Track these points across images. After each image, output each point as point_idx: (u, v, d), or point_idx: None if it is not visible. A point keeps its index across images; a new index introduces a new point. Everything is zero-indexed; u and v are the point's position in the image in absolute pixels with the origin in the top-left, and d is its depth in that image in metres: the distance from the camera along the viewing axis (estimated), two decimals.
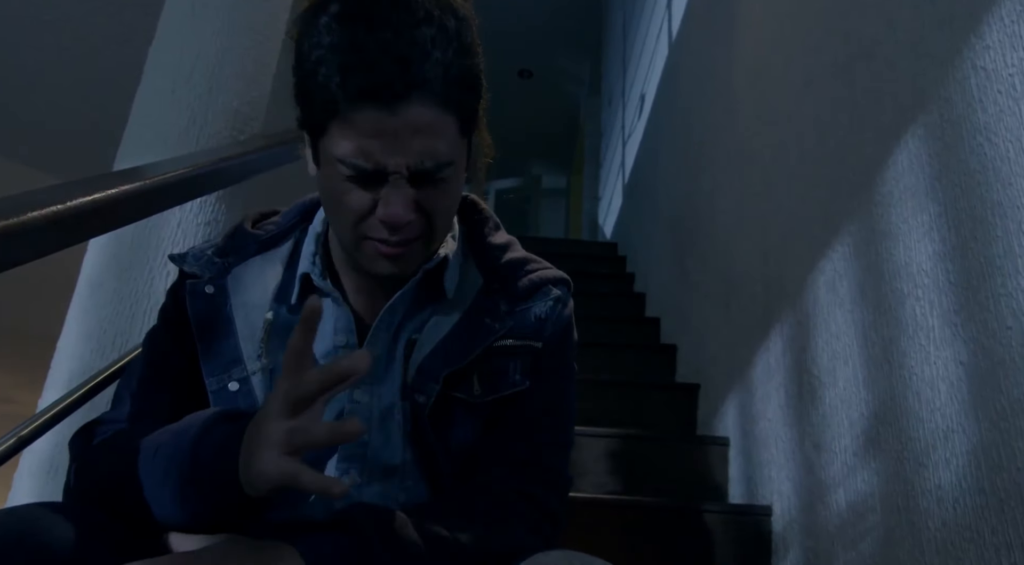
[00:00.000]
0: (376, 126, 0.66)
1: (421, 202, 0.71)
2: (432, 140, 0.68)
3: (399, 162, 0.67)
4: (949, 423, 1.06)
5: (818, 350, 1.52)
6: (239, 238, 0.87)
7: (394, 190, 0.69)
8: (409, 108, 0.66)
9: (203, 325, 0.82)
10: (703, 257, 2.59)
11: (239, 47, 1.56)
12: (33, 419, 0.87)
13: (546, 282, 0.88)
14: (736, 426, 2.02)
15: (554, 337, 0.86)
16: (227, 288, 0.83)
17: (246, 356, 0.81)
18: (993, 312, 0.98)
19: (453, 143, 0.71)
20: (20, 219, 0.69)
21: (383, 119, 0.66)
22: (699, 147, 2.81)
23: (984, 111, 1.03)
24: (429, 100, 0.66)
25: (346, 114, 0.66)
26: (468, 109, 0.71)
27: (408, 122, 0.66)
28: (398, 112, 0.65)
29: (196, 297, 0.82)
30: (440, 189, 0.72)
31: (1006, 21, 0.99)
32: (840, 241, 1.46)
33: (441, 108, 0.67)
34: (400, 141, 0.67)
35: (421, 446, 0.79)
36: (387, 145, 0.67)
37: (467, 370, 0.81)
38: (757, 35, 2.20)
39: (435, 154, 0.69)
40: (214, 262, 0.84)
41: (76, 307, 1.34)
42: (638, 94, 4.48)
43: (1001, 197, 0.98)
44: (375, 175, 0.69)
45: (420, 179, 0.70)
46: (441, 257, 0.82)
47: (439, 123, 0.68)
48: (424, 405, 0.78)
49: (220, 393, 0.80)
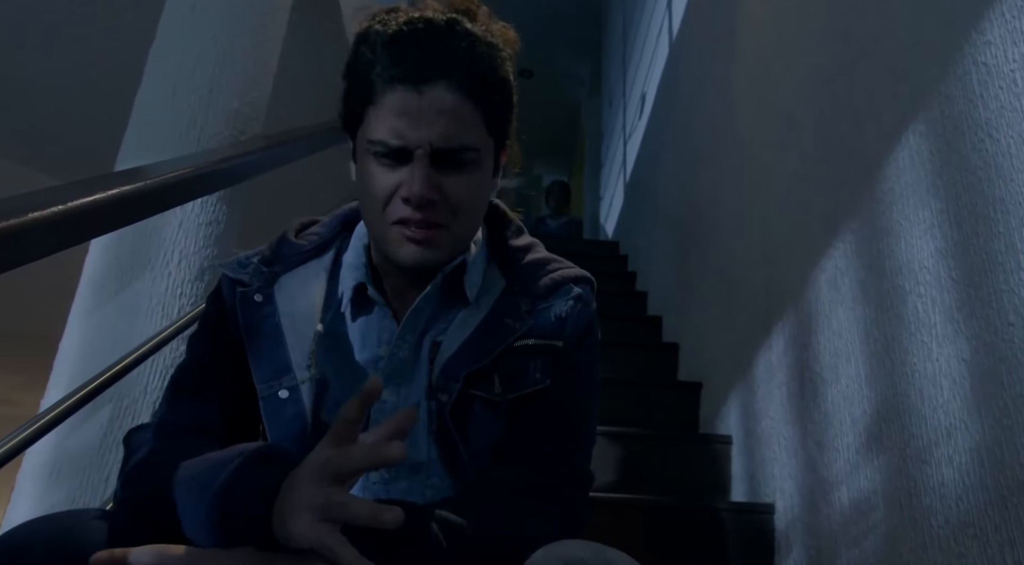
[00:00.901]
0: (404, 105, 0.74)
1: (443, 186, 0.76)
2: (455, 122, 0.75)
3: (422, 137, 0.74)
4: (952, 420, 1.06)
5: (820, 348, 1.52)
6: (284, 248, 0.89)
7: (416, 168, 0.75)
8: (434, 90, 0.74)
9: (253, 332, 0.84)
10: (704, 255, 2.58)
11: (239, 48, 1.56)
12: (34, 420, 0.87)
13: (567, 281, 0.89)
14: (738, 424, 2.02)
15: (575, 335, 0.87)
16: (275, 297, 0.86)
17: (295, 364, 0.83)
18: (995, 308, 0.97)
19: (477, 132, 0.77)
20: (21, 220, 0.69)
21: (410, 98, 0.74)
22: (700, 146, 2.81)
23: (985, 107, 1.03)
24: (453, 86, 0.74)
25: (380, 99, 0.75)
26: (494, 108, 0.78)
27: (433, 102, 0.74)
28: (424, 92, 0.73)
29: (247, 305, 0.85)
30: (463, 176, 0.77)
31: (1007, 16, 0.99)
32: (841, 239, 1.46)
33: (465, 96, 0.75)
34: (425, 119, 0.74)
35: (445, 444, 0.81)
36: (413, 122, 0.74)
37: (488, 369, 0.82)
38: (757, 35, 2.20)
39: (457, 135, 0.75)
40: (261, 271, 0.87)
41: (78, 308, 1.34)
42: (639, 94, 4.48)
43: (1003, 193, 0.98)
44: (401, 152, 0.75)
45: (442, 159, 0.75)
46: (460, 260, 0.84)
47: (462, 108, 0.75)
48: (446, 404, 0.80)
49: (270, 399, 0.82)
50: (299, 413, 0.81)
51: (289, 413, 0.82)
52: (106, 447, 1.22)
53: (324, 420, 0.82)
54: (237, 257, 0.90)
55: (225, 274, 0.89)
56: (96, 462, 1.21)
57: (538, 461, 0.81)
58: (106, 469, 1.21)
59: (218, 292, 0.89)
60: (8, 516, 1.21)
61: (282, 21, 1.68)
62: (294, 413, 0.81)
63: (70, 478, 1.20)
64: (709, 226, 2.55)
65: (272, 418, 0.82)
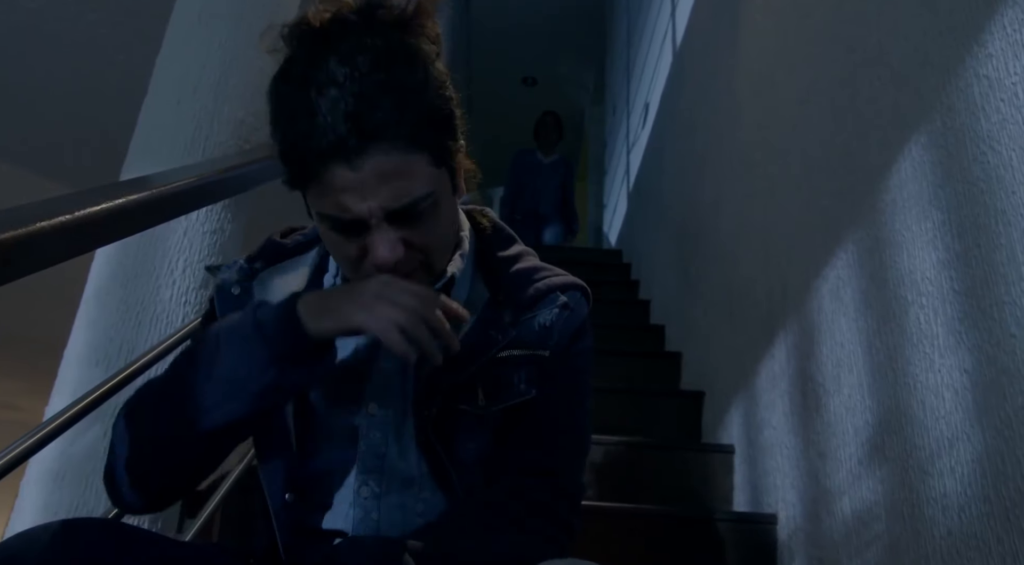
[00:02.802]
0: (343, 182, 0.69)
1: (409, 238, 0.74)
2: (401, 182, 0.70)
3: (372, 207, 0.70)
4: (954, 431, 1.06)
5: (822, 358, 1.52)
6: (268, 246, 0.91)
7: (377, 235, 0.72)
8: (369, 160, 0.68)
9: None
10: (707, 264, 2.59)
11: (245, 58, 1.57)
12: (39, 428, 0.87)
13: (553, 289, 0.87)
14: (741, 434, 2.02)
15: (562, 344, 0.86)
16: (252, 290, 0.87)
17: None
18: (997, 320, 0.98)
19: (426, 177, 0.72)
20: (29, 230, 0.70)
21: (348, 175, 0.69)
22: (703, 155, 2.81)
23: (987, 119, 1.03)
24: (388, 147, 0.69)
25: (316, 175, 0.70)
26: (436, 142, 0.73)
27: (372, 173, 0.69)
28: (360, 166, 0.68)
29: (223, 298, 0.87)
30: (424, 222, 0.74)
31: (1008, 30, 1.00)
32: (843, 248, 1.46)
33: (403, 151, 0.70)
34: (369, 190, 0.69)
35: (433, 458, 0.81)
36: (358, 196, 0.70)
37: (470, 382, 0.82)
38: (761, 44, 2.21)
39: (407, 194, 0.71)
40: (243, 268, 0.88)
41: (83, 316, 1.35)
42: (642, 102, 4.49)
43: (1005, 205, 0.98)
44: (355, 224, 0.72)
45: (399, 218, 0.72)
46: (448, 276, 0.83)
47: (404, 166, 0.70)
48: (429, 417, 0.80)
49: None
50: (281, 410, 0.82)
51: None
52: None
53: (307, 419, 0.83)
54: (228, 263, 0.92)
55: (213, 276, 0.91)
56: (100, 469, 1.20)
57: (527, 473, 0.81)
58: None
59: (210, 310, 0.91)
60: (12, 522, 1.21)
61: None
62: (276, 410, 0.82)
63: (74, 485, 1.20)
64: (712, 234, 2.55)
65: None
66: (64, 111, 3.21)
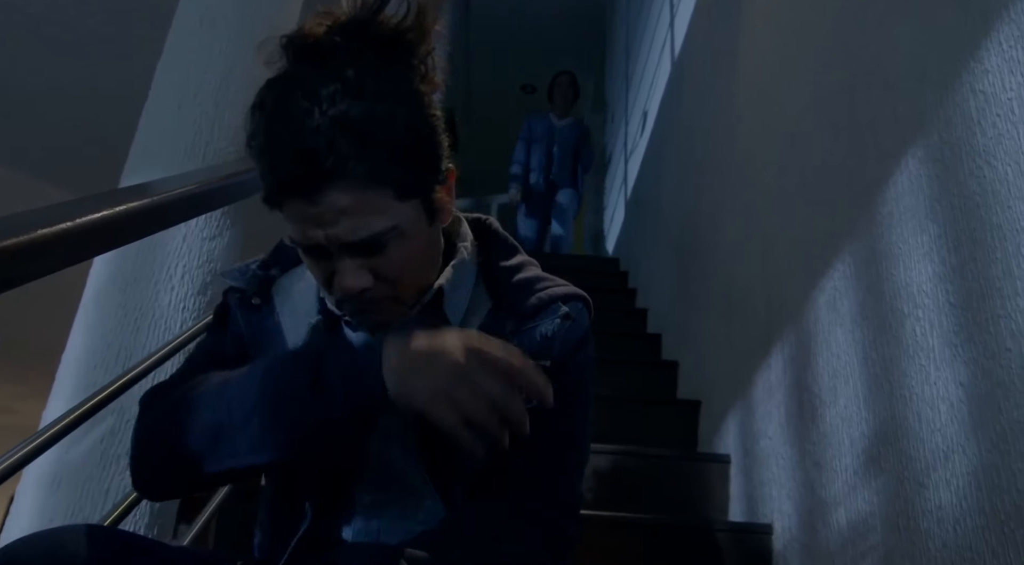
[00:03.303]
0: (303, 214, 0.70)
1: (375, 269, 0.74)
2: (359, 218, 0.70)
3: (330, 237, 0.70)
4: (949, 443, 1.06)
5: (819, 368, 1.53)
6: (281, 251, 0.91)
7: (340, 263, 0.72)
8: (326, 196, 0.68)
9: (256, 336, 0.87)
10: (704, 274, 2.59)
11: (245, 64, 1.58)
12: (36, 436, 0.87)
13: (555, 299, 0.87)
14: (737, 444, 2.02)
15: (563, 354, 0.86)
16: (273, 299, 0.88)
17: None
18: (993, 333, 0.98)
19: (387, 212, 0.71)
20: (31, 236, 0.70)
21: (306, 207, 0.69)
22: (701, 164, 2.82)
23: (983, 134, 1.04)
24: (345, 184, 0.68)
25: (280, 203, 0.71)
26: (404, 177, 0.72)
27: (328, 208, 0.69)
28: (317, 201, 0.68)
29: (245, 309, 0.87)
30: (390, 254, 0.73)
31: (1004, 46, 1.00)
32: (841, 260, 1.47)
33: (362, 188, 0.69)
34: (328, 223, 0.70)
35: (434, 466, 0.81)
36: (319, 226, 0.70)
37: None
38: (760, 56, 2.22)
39: (364, 228, 0.70)
40: (258, 275, 0.89)
41: (81, 320, 1.35)
42: (641, 111, 4.51)
43: (1000, 219, 0.98)
44: (318, 250, 0.72)
45: (359, 250, 0.72)
46: (436, 289, 0.82)
47: (363, 202, 0.69)
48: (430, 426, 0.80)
49: None
50: None
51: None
52: (107, 460, 1.22)
53: None
54: (237, 266, 0.92)
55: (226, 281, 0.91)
56: (97, 475, 1.21)
57: (525, 483, 0.81)
58: (107, 482, 1.21)
59: (223, 302, 0.92)
60: (7, 528, 1.21)
61: None
62: None
63: (70, 490, 1.20)
64: (709, 244, 2.56)
65: None
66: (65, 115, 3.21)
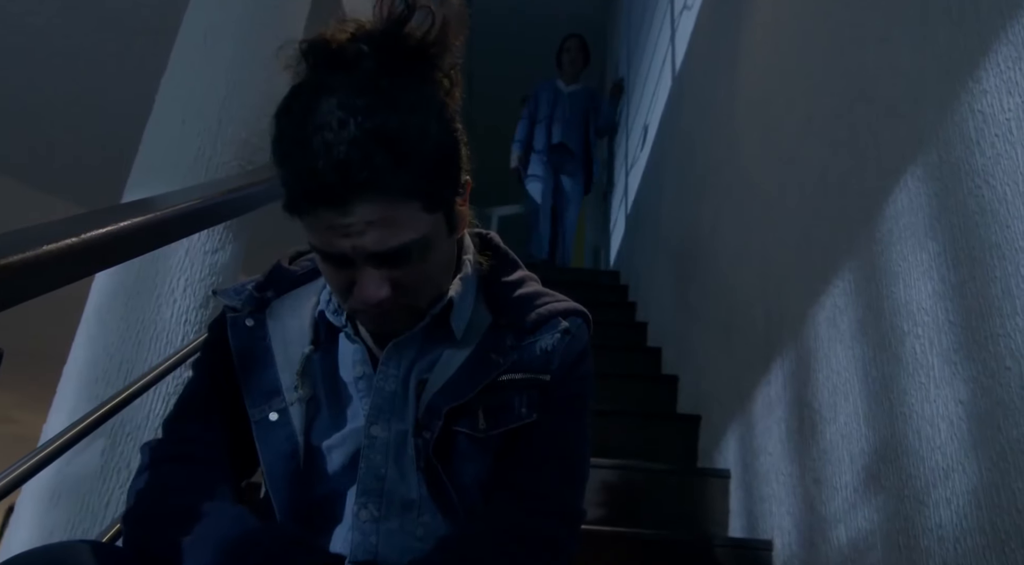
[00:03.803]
0: (330, 223, 0.70)
1: (395, 279, 0.74)
2: (388, 229, 0.70)
3: (356, 248, 0.71)
4: (949, 462, 1.06)
5: (819, 385, 1.53)
6: (277, 274, 0.91)
7: (363, 272, 0.73)
8: (356, 208, 0.68)
9: (244, 357, 0.86)
10: (704, 288, 2.60)
11: (249, 79, 1.59)
12: (38, 451, 0.88)
13: (555, 314, 0.88)
14: (737, 459, 2.01)
15: (563, 369, 0.86)
16: (266, 321, 0.88)
17: (284, 387, 0.84)
18: (992, 352, 0.98)
19: (416, 224, 0.72)
20: (36, 252, 0.70)
21: (335, 218, 0.69)
22: (702, 178, 2.83)
23: (982, 154, 1.05)
24: (376, 196, 0.68)
25: (306, 212, 0.71)
26: (431, 190, 0.72)
27: (359, 219, 0.69)
28: (347, 212, 0.69)
29: (237, 330, 0.87)
30: (413, 265, 0.75)
31: (1002, 67, 1.01)
32: (840, 277, 1.47)
33: (393, 200, 0.69)
34: (356, 234, 0.70)
35: (433, 481, 0.81)
36: (345, 237, 0.70)
37: (471, 405, 0.82)
38: (759, 74, 2.24)
39: (393, 239, 0.71)
40: (254, 296, 0.89)
41: (83, 333, 1.35)
42: (641, 125, 4.52)
43: (999, 239, 0.99)
44: (342, 260, 0.73)
45: (385, 261, 0.73)
46: (447, 300, 0.83)
47: (392, 213, 0.70)
48: (430, 441, 0.80)
49: (261, 423, 0.84)
50: (289, 435, 0.83)
51: (280, 436, 0.83)
52: (107, 473, 1.22)
53: (313, 443, 0.84)
54: (234, 286, 0.92)
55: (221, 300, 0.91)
56: (96, 488, 1.21)
57: (525, 498, 0.82)
58: (106, 495, 1.21)
59: (219, 319, 0.91)
60: (7, 542, 1.21)
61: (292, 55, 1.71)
62: (284, 435, 0.83)
63: (70, 503, 1.20)
64: (709, 258, 2.57)
65: (264, 441, 0.83)
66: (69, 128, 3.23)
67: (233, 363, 0.86)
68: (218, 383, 0.87)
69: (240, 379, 0.85)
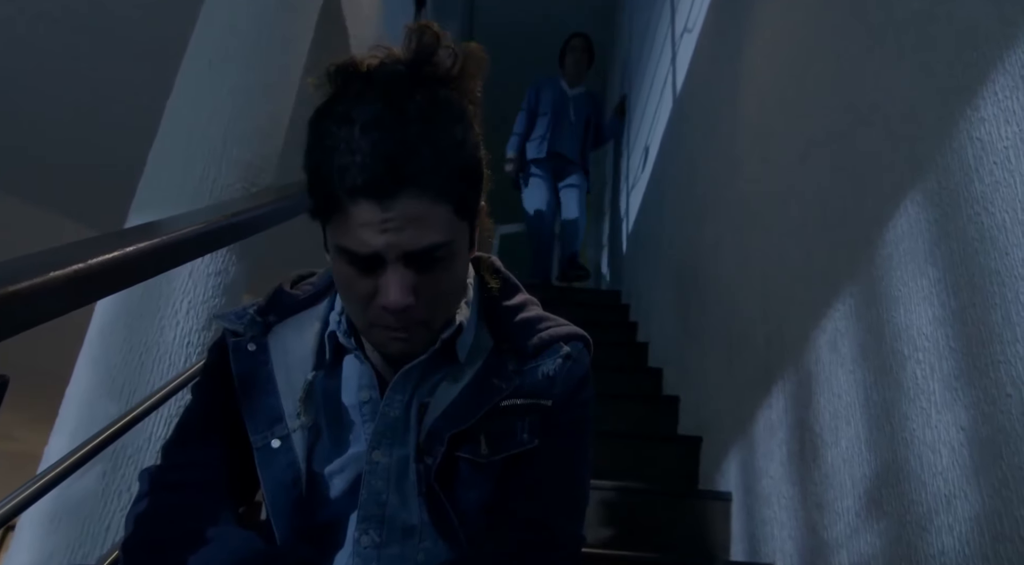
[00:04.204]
0: (370, 218, 0.71)
1: (420, 286, 0.75)
2: (424, 228, 0.72)
3: (392, 245, 0.72)
4: (951, 488, 1.06)
5: (820, 408, 1.53)
6: (279, 298, 0.91)
7: (392, 275, 0.73)
8: (399, 202, 0.70)
9: (246, 382, 0.85)
10: (705, 309, 2.60)
11: (254, 103, 1.61)
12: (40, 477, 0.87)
13: (556, 339, 0.88)
14: (739, 481, 2.01)
15: (565, 394, 0.87)
16: (268, 346, 0.87)
17: (287, 413, 0.84)
18: (993, 379, 0.99)
19: (448, 227, 0.74)
20: (44, 278, 0.71)
21: (376, 212, 0.70)
22: (702, 200, 2.85)
23: (981, 181, 1.05)
24: (418, 194, 0.71)
25: (345, 207, 0.71)
26: (463, 197, 0.75)
27: (399, 214, 0.71)
28: (390, 206, 0.70)
29: (239, 355, 0.86)
30: (438, 271, 0.76)
31: (1000, 96, 1.02)
32: (841, 301, 1.48)
33: (431, 199, 0.72)
34: (393, 230, 0.71)
35: (435, 507, 0.81)
36: (381, 234, 0.71)
37: (473, 430, 0.82)
38: (760, 97, 2.25)
39: (428, 236, 0.73)
40: (256, 321, 0.88)
41: (86, 355, 1.35)
42: (642, 145, 4.55)
43: (999, 266, 1.00)
44: (373, 260, 0.73)
45: (416, 262, 0.74)
46: (456, 324, 0.84)
47: (430, 213, 0.72)
48: (432, 466, 0.80)
49: (264, 450, 0.83)
50: (292, 462, 0.83)
51: (282, 463, 0.83)
52: (107, 496, 1.22)
53: (315, 470, 0.84)
54: (235, 309, 0.91)
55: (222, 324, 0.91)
56: (97, 511, 1.21)
57: (525, 525, 0.82)
58: (107, 518, 1.21)
59: (219, 342, 0.91)
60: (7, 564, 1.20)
61: (296, 78, 1.73)
62: (287, 462, 0.83)
63: (70, 527, 1.20)
64: (711, 280, 2.57)
65: (265, 468, 0.83)
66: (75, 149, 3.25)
67: (233, 387, 0.86)
68: (218, 407, 0.87)
69: (241, 404, 0.85)
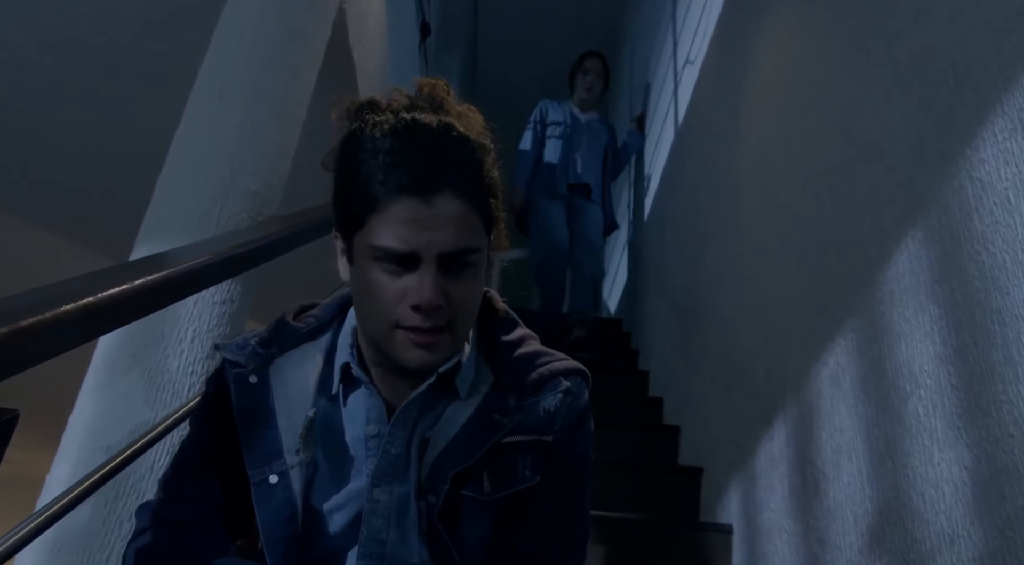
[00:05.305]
0: (412, 214, 0.74)
1: (448, 290, 0.77)
2: (461, 228, 0.76)
3: (432, 244, 0.75)
4: (954, 527, 1.06)
5: (822, 443, 1.53)
6: (281, 330, 0.90)
7: (425, 275, 0.76)
8: (441, 199, 0.75)
9: (246, 415, 0.85)
10: (705, 340, 2.60)
11: (261, 134, 1.62)
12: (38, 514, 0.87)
13: (556, 374, 0.88)
14: (740, 514, 2.00)
15: (565, 429, 0.87)
16: (269, 379, 0.86)
17: (286, 449, 0.83)
18: (995, 418, 0.99)
19: (479, 234, 0.79)
20: (55, 313, 0.72)
21: (419, 208, 0.74)
22: (703, 230, 2.86)
23: (981, 220, 1.07)
24: (459, 194, 0.76)
25: (386, 206, 0.75)
26: (489, 211, 0.81)
27: (441, 211, 0.75)
28: (432, 203, 0.75)
29: (240, 387, 0.85)
30: (466, 277, 0.78)
31: (999, 137, 1.04)
32: (842, 335, 1.48)
33: (468, 203, 0.77)
34: (433, 227, 0.75)
35: (436, 545, 0.81)
36: (421, 230, 0.75)
37: (476, 467, 0.82)
38: (761, 131, 2.28)
39: (464, 239, 0.77)
40: (257, 353, 0.87)
41: (89, 384, 1.35)
42: (644, 174, 4.58)
43: (1000, 305, 1.00)
44: (409, 259, 0.75)
45: (449, 264, 0.76)
46: (456, 360, 0.84)
47: (467, 215, 0.77)
48: (435, 505, 0.80)
49: (261, 486, 0.82)
50: (288, 499, 0.82)
51: (279, 499, 0.82)
52: (109, 526, 1.21)
53: (312, 505, 0.83)
54: (236, 339, 0.90)
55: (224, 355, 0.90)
56: (98, 541, 1.20)
57: (527, 560, 0.82)
58: (108, 548, 1.20)
59: (218, 373, 0.90)
60: None
61: (303, 109, 1.75)
62: (284, 499, 0.82)
63: (70, 557, 1.19)
64: (712, 310, 2.58)
65: (262, 503, 0.82)
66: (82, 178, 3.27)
67: (232, 419, 0.85)
68: (216, 439, 0.86)
69: (241, 437, 0.84)
